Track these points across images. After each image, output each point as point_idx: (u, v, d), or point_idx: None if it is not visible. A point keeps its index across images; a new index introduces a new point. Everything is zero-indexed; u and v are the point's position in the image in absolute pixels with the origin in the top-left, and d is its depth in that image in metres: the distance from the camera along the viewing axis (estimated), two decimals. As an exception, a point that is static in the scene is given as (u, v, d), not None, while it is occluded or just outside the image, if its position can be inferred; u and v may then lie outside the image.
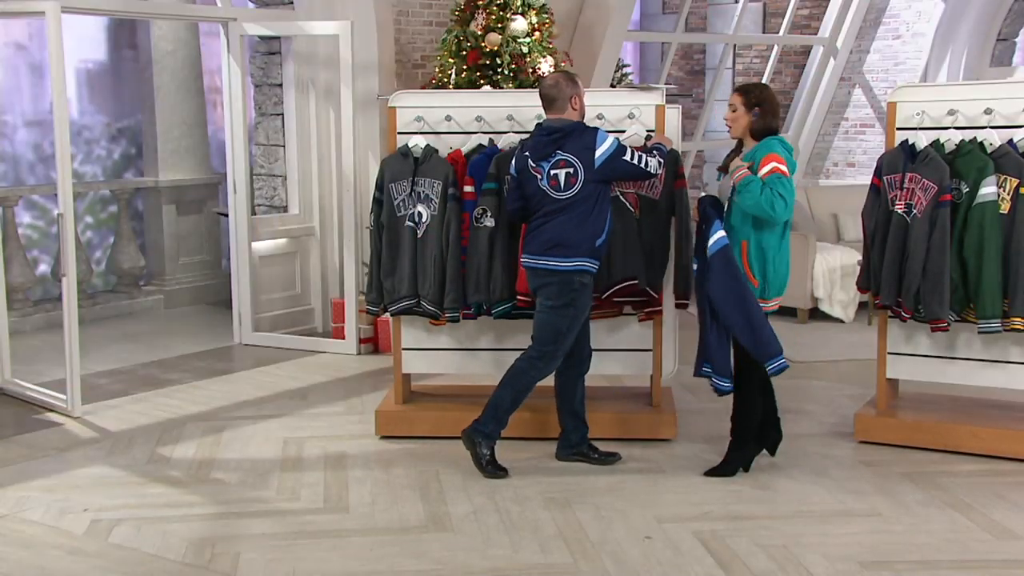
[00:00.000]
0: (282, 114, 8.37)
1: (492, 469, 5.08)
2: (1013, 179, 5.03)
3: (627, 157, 4.94)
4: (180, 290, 9.53)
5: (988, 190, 5.03)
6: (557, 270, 4.99)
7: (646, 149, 5.12)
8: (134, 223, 9.58)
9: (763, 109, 4.96)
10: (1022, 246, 5.02)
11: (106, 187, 9.58)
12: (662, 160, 5.08)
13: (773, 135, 4.98)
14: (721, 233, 4.88)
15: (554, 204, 4.98)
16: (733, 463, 5.11)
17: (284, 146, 8.41)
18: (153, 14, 8.02)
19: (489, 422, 5.11)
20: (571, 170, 4.94)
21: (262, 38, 8.29)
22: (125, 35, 9.93)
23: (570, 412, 5.26)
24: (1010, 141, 5.11)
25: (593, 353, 5.57)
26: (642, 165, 4.96)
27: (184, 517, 4.64)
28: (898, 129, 5.38)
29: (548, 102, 5.04)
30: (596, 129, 5.02)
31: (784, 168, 4.83)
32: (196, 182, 9.65)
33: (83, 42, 9.69)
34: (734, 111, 5.01)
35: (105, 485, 5.05)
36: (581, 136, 4.97)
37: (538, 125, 5.13)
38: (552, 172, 4.97)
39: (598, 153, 4.92)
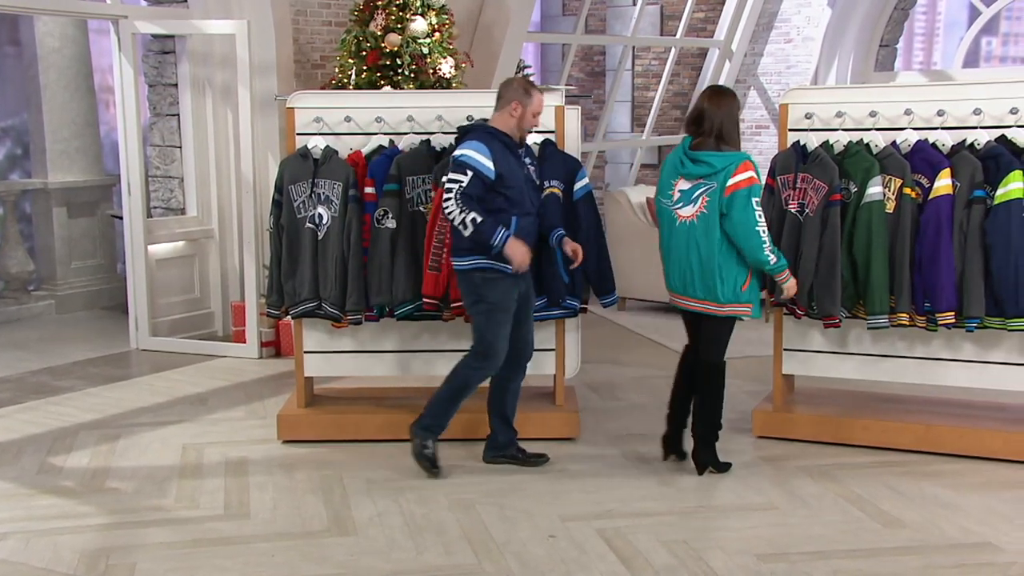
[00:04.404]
0: (178, 115, 8.19)
1: (427, 464, 5.05)
2: (897, 179, 5.20)
3: (449, 175, 4.80)
4: (73, 295, 9.25)
5: (874, 190, 5.19)
6: (457, 269, 5.02)
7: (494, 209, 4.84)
8: (22, 226, 9.27)
9: None
10: (906, 244, 5.20)
11: (-10, 188, 9.26)
12: (470, 226, 4.74)
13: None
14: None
15: None
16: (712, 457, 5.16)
17: (180, 147, 8.23)
18: (36, 9, 7.75)
19: (427, 416, 5.09)
20: None
21: (156, 36, 8.10)
22: (6, 30, 9.61)
23: (499, 415, 5.25)
24: (893, 143, 5.29)
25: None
26: (445, 201, 4.78)
27: (76, 528, 4.50)
28: (790, 130, 5.53)
29: (496, 98, 5.01)
30: (471, 140, 4.86)
31: None
32: (88, 184, 9.38)
33: (-42, 38, 9.38)
34: None
35: (-8, 498, 4.88)
36: (461, 139, 4.95)
37: None
38: None
39: (454, 155, 4.89)
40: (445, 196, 4.80)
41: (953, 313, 5.15)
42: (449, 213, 4.79)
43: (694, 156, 4.89)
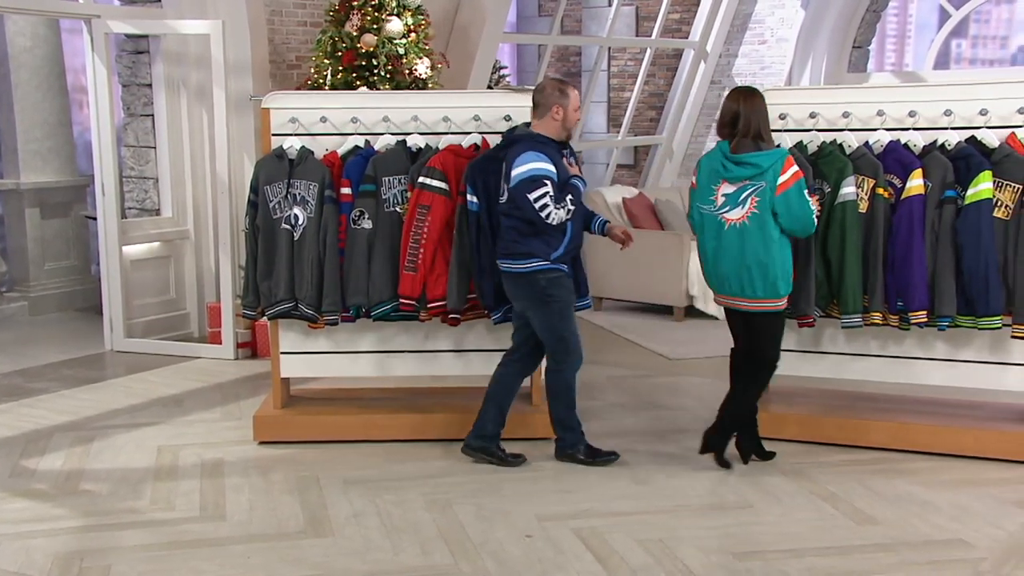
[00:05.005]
0: (152, 115, 8.14)
1: (602, 458, 5.22)
2: (870, 179, 5.25)
3: (532, 195, 4.84)
4: (46, 296, 9.18)
5: (848, 190, 5.24)
6: (516, 273, 5.02)
7: (566, 185, 4.96)
8: (-6, 227, 9.20)
9: None
10: (879, 244, 5.25)
11: (-39, 189, 9.16)
12: (572, 208, 4.91)
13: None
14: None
15: (503, 208, 5.05)
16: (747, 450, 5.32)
17: (155, 148, 8.19)
18: (7, 8, 7.65)
19: (561, 436, 5.25)
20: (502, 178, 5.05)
21: (129, 36, 8.05)
22: (-27, 29, 9.49)
23: (498, 404, 5.26)
24: (866, 143, 5.34)
25: (474, 353, 5.61)
26: (541, 213, 4.84)
27: (50, 531, 4.47)
28: (765, 131, 5.55)
29: (533, 106, 5.07)
30: (527, 149, 4.92)
31: None
32: (62, 184, 9.31)
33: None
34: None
35: (-36, 501, 4.83)
36: (514, 148, 4.98)
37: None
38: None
39: (513, 173, 4.92)
40: (543, 212, 4.84)
41: (925, 312, 5.19)
42: (557, 220, 4.87)
43: (736, 159, 4.93)
